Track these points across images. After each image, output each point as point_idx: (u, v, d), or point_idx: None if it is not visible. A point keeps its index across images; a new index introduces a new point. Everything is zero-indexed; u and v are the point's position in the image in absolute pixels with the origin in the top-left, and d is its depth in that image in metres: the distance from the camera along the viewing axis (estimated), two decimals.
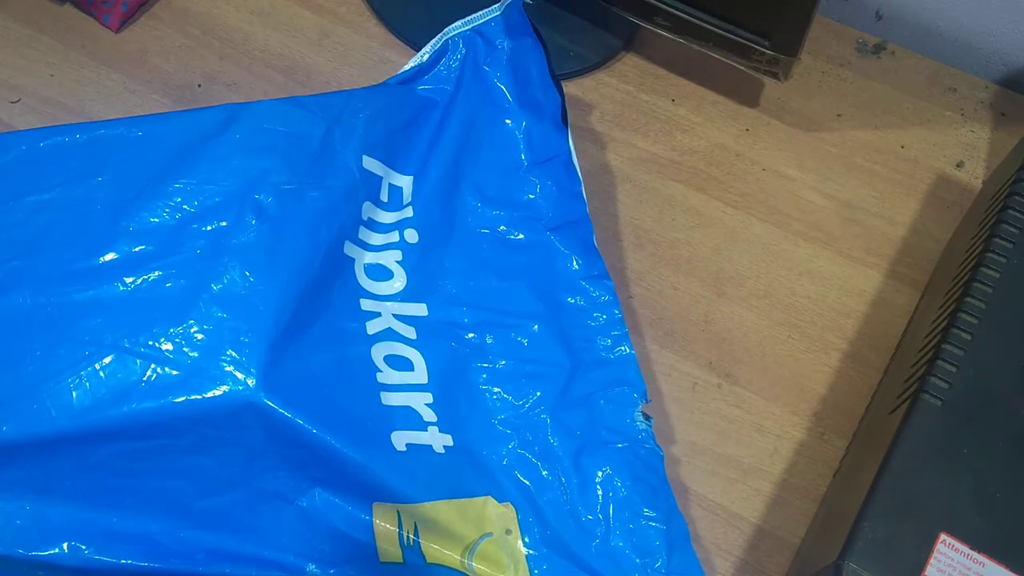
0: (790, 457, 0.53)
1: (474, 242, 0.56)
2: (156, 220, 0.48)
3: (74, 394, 0.43)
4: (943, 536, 0.40)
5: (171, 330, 0.45)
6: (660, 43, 0.68)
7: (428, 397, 0.51)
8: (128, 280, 0.46)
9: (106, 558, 0.44)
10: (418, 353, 0.52)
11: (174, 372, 0.44)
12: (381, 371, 0.50)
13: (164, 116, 0.52)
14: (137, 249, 0.47)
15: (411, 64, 0.57)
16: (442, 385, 0.51)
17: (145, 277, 0.46)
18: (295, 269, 0.48)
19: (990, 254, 0.48)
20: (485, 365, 0.52)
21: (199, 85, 0.64)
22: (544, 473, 0.50)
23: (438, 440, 0.49)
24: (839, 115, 0.66)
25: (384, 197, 0.54)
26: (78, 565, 0.44)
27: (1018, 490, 0.41)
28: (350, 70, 0.66)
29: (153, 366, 0.44)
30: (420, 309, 0.53)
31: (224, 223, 0.48)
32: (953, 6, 0.67)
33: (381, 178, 0.54)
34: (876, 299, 0.58)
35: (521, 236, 0.56)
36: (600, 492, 0.49)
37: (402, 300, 0.53)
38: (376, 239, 0.54)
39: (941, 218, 0.61)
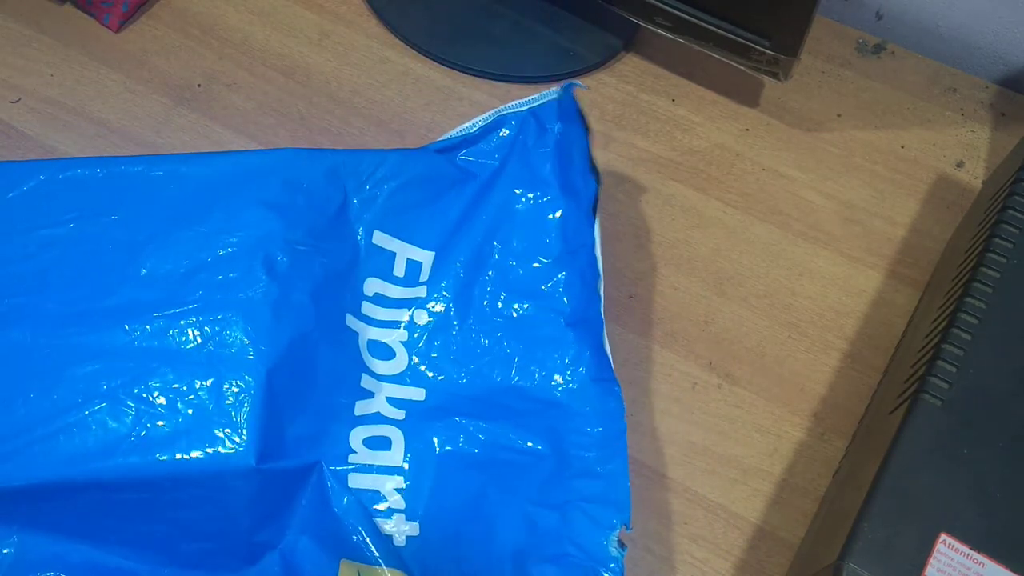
0: (790, 457, 0.53)
1: (487, 330, 0.52)
2: (167, 266, 0.47)
3: (61, 442, 0.43)
4: (943, 536, 0.40)
5: (167, 383, 0.44)
6: (660, 43, 0.68)
7: (399, 481, 0.49)
8: (130, 327, 0.46)
9: None
10: (400, 434, 0.50)
11: (165, 428, 0.43)
12: (355, 452, 0.49)
13: (186, 157, 0.51)
14: (143, 295, 0.46)
15: (457, 131, 0.54)
16: (418, 471, 0.49)
17: (148, 325, 0.46)
18: (298, 333, 0.47)
19: (990, 254, 0.48)
20: (468, 451, 0.50)
21: (199, 85, 0.64)
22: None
23: (402, 529, 0.48)
24: (839, 115, 0.66)
25: (399, 272, 0.53)
26: None
27: (1018, 490, 0.41)
28: (350, 70, 0.66)
29: (144, 420, 0.43)
30: (418, 394, 0.51)
31: (233, 275, 0.47)
32: (953, 6, 0.67)
33: (394, 253, 0.52)
34: (876, 299, 0.58)
35: (536, 329, 0.52)
36: None
37: (400, 382, 0.51)
38: (382, 314, 0.52)
39: (941, 218, 0.61)
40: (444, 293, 0.53)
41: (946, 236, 0.61)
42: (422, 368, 0.52)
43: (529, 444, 0.50)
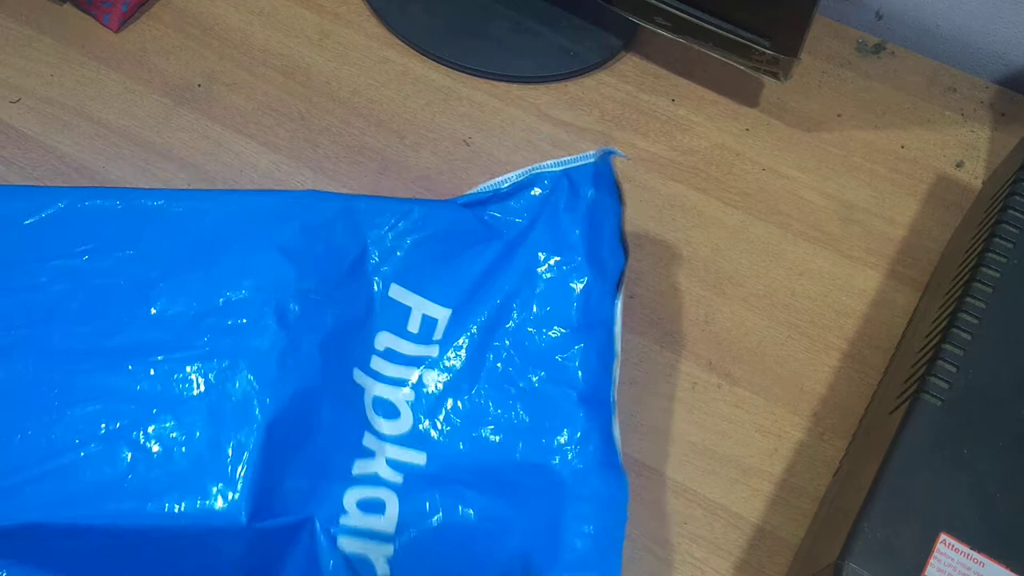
0: (790, 457, 0.53)
1: (497, 397, 0.50)
2: (177, 307, 0.46)
3: (53, 484, 0.42)
4: (943, 536, 0.40)
5: (165, 431, 0.43)
6: (660, 43, 0.68)
7: (388, 550, 0.46)
8: (134, 368, 0.45)
9: None
10: (395, 499, 0.47)
11: (159, 478, 0.42)
12: (347, 514, 0.46)
13: (207, 194, 0.50)
14: (150, 336, 0.46)
15: (487, 186, 0.52)
16: (409, 540, 0.47)
17: (152, 369, 0.45)
18: (303, 387, 0.45)
19: (990, 254, 0.48)
20: (462, 523, 0.48)
21: (199, 85, 0.64)
22: None
23: None
24: (839, 115, 0.66)
25: (413, 328, 0.51)
26: None
27: (1018, 490, 0.41)
28: (350, 70, 0.66)
29: (139, 467, 0.42)
30: (419, 458, 0.49)
31: (243, 321, 0.46)
32: (953, 6, 0.67)
33: (410, 308, 0.51)
34: (876, 299, 0.58)
35: (547, 401, 0.50)
36: None
37: (403, 444, 0.49)
38: (391, 371, 0.50)
39: (941, 218, 0.61)
40: (458, 354, 0.51)
41: (946, 236, 0.61)
42: (427, 430, 0.49)
43: (526, 524, 0.47)
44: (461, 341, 0.51)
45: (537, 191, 0.52)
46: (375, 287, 0.50)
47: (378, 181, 0.61)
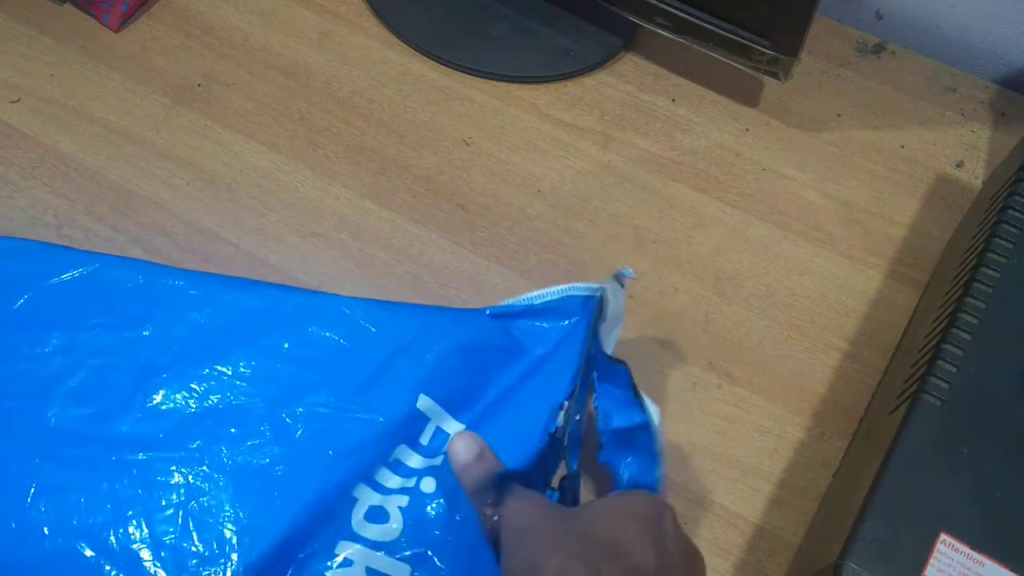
0: (790, 457, 0.53)
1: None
2: (176, 401, 0.45)
3: (13, 574, 0.41)
4: (943, 536, 0.40)
5: (130, 540, 0.42)
6: (660, 43, 0.68)
7: None
8: (118, 459, 0.43)
9: None
10: None
11: None
12: None
13: (228, 281, 0.49)
14: (143, 429, 0.44)
15: (519, 300, 0.50)
16: None
17: (135, 467, 0.43)
18: (290, 516, 0.43)
19: (990, 254, 0.48)
20: None
21: (199, 85, 0.64)
22: None
23: None
24: (839, 115, 0.66)
25: (425, 440, 0.48)
26: None
27: (1018, 490, 0.41)
28: (350, 70, 0.66)
29: (99, 570, 0.41)
30: (402, 571, 0.45)
31: (239, 431, 0.44)
32: (953, 6, 0.67)
33: (429, 420, 0.48)
34: (876, 299, 0.58)
35: None
36: None
37: (388, 552, 0.45)
38: (393, 482, 0.47)
39: (941, 218, 0.61)
40: None
41: (946, 236, 0.60)
42: (414, 540, 0.46)
43: None
44: None
45: (571, 313, 0.49)
46: (407, 397, 0.47)
47: (378, 181, 0.61)
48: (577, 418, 0.46)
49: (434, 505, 0.46)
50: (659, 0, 0.60)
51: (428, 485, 0.47)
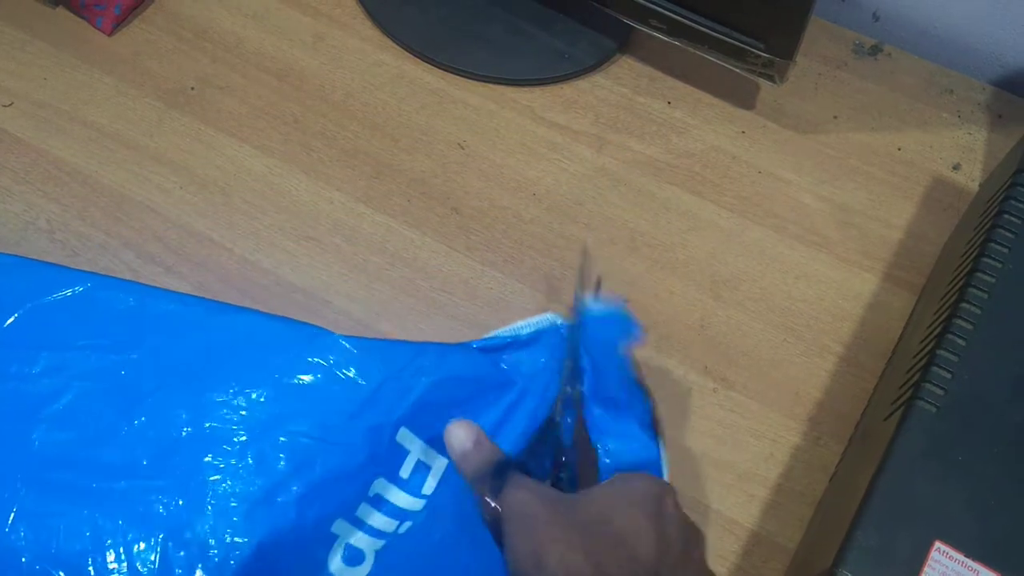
0: (786, 462, 0.53)
1: (476, 560, 0.44)
2: (159, 428, 0.45)
3: None
4: (937, 543, 0.40)
5: (117, 565, 0.41)
6: (655, 45, 0.67)
7: None
8: (98, 487, 0.43)
9: None
10: None
11: None
12: None
13: (220, 307, 0.48)
14: (126, 456, 0.44)
15: (506, 331, 0.49)
16: None
17: (118, 492, 0.43)
18: (266, 543, 0.42)
19: (986, 258, 0.48)
20: None
21: (192, 88, 0.64)
22: None
23: None
24: (835, 117, 0.65)
25: (405, 474, 0.47)
26: None
27: (1013, 497, 0.41)
28: (344, 73, 0.66)
29: None
30: None
31: (219, 460, 0.44)
32: (950, 8, 0.67)
33: (408, 452, 0.47)
34: (872, 303, 0.58)
35: None
36: None
37: None
38: (377, 521, 0.46)
39: (937, 221, 0.61)
40: (442, 512, 0.46)
41: (942, 239, 0.60)
42: None
43: None
44: (447, 501, 0.46)
45: (549, 351, 0.48)
46: (382, 431, 0.46)
47: (372, 185, 0.61)
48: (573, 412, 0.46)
49: (412, 550, 0.45)
50: (653, 3, 0.60)
51: (407, 529, 0.46)
